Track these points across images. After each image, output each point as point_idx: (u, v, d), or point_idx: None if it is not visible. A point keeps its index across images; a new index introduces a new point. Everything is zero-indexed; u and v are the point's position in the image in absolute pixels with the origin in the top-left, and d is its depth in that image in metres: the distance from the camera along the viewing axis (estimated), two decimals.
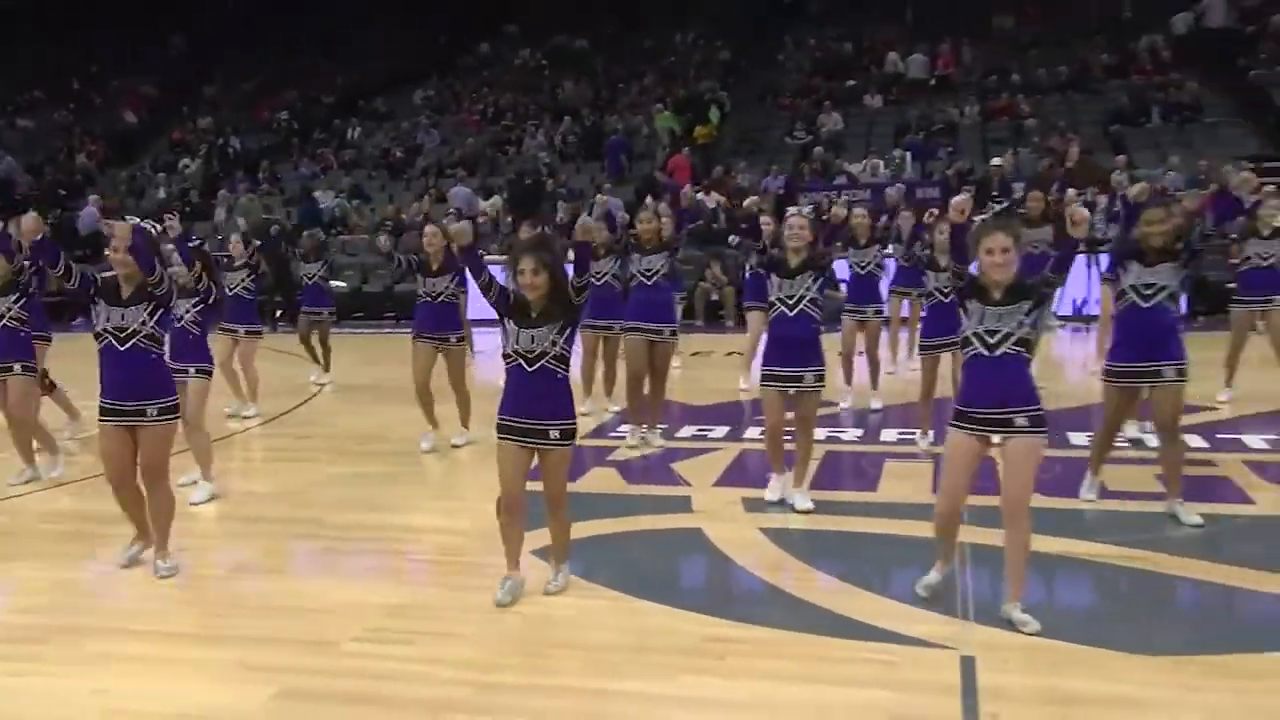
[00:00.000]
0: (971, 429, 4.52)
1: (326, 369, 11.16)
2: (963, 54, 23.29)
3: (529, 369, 4.80)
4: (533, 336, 4.76)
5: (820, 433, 7.26)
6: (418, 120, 24.40)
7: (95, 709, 4.02)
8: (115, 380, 5.28)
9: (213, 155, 24.32)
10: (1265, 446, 7.18)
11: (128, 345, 5.24)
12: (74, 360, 7.77)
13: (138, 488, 5.47)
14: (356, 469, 7.63)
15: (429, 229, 8.11)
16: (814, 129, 21.18)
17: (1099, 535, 5.58)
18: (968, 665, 4.11)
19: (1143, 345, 5.77)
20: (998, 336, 4.45)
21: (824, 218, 8.44)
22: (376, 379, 11.40)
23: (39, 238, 5.35)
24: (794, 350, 6.08)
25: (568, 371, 4.89)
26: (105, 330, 5.24)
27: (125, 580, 5.47)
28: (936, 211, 7.71)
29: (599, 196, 13.24)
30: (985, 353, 4.47)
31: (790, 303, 6.06)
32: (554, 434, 4.82)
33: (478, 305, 7.97)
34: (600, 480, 6.96)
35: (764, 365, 6.28)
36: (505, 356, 4.87)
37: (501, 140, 22.97)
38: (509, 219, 19.06)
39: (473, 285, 5.25)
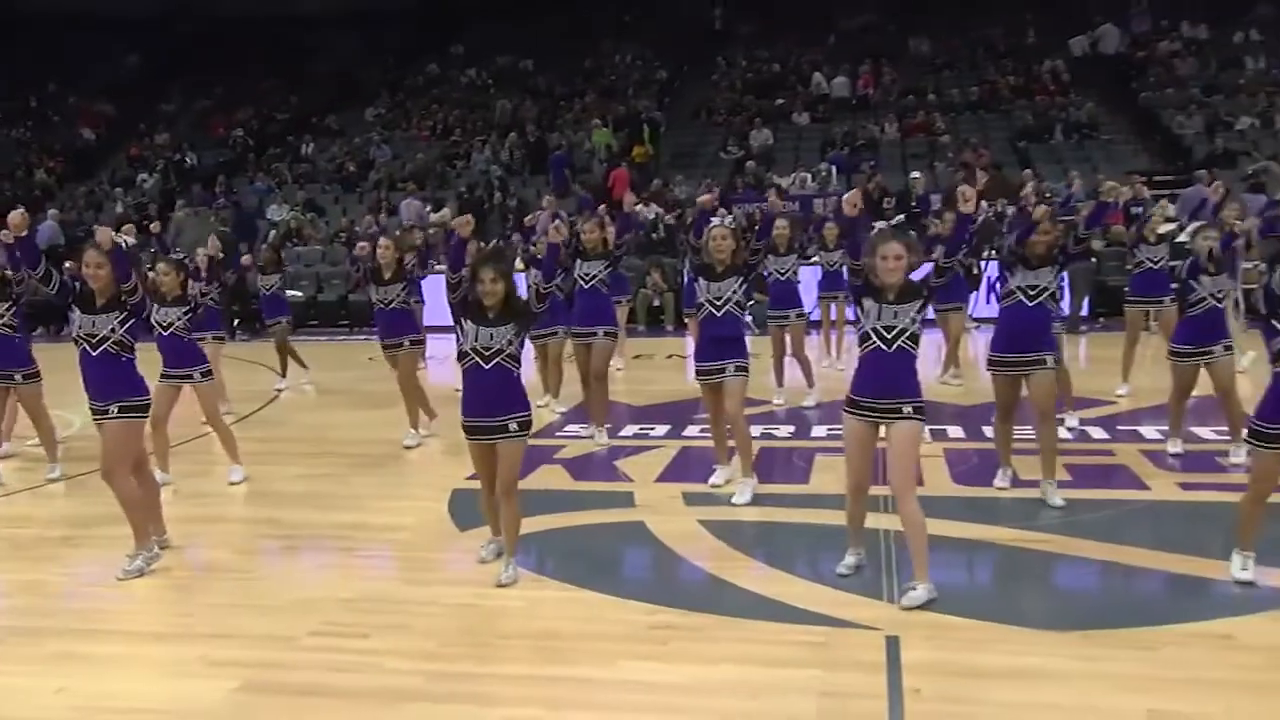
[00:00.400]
0: (864, 416, 4.66)
1: (284, 374, 11.03)
2: (882, 75, 23.57)
3: (485, 366, 4.86)
4: (491, 334, 4.85)
5: (755, 429, 7.33)
6: (369, 136, 24.14)
7: (58, 707, 3.93)
8: (88, 382, 5.28)
9: (169, 171, 23.79)
10: (1159, 437, 7.33)
11: (99, 351, 5.25)
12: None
13: (149, 476, 5.55)
14: (311, 470, 7.53)
15: (382, 240, 8.13)
16: (746, 144, 21.30)
17: (1010, 521, 5.68)
18: (892, 644, 4.16)
19: (1026, 339, 5.97)
20: (894, 332, 4.59)
21: (754, 225, 8.51)
22: (330, 384, 11.28)
23: (24, 234, 5.33)
24: (721, 346, 6.24)
25: (519, 369, 4.94)
26: (80, 336, 5.25)
27: (89, 582, 5.36)
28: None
29: (545, 201, 13.20)
30: (884, 347, 4.60)
31: (718, 304, 6.21)
32: (512, 426, 4.90)
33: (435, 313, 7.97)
34: (548, 477, 6.94)
35: (697, 362, 6.42)
36: (461, 355, 4.92)
37: (450, 155, 22.82)
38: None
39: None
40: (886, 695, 3.76)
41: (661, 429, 8.25)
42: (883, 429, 4.68)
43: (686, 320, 10.65)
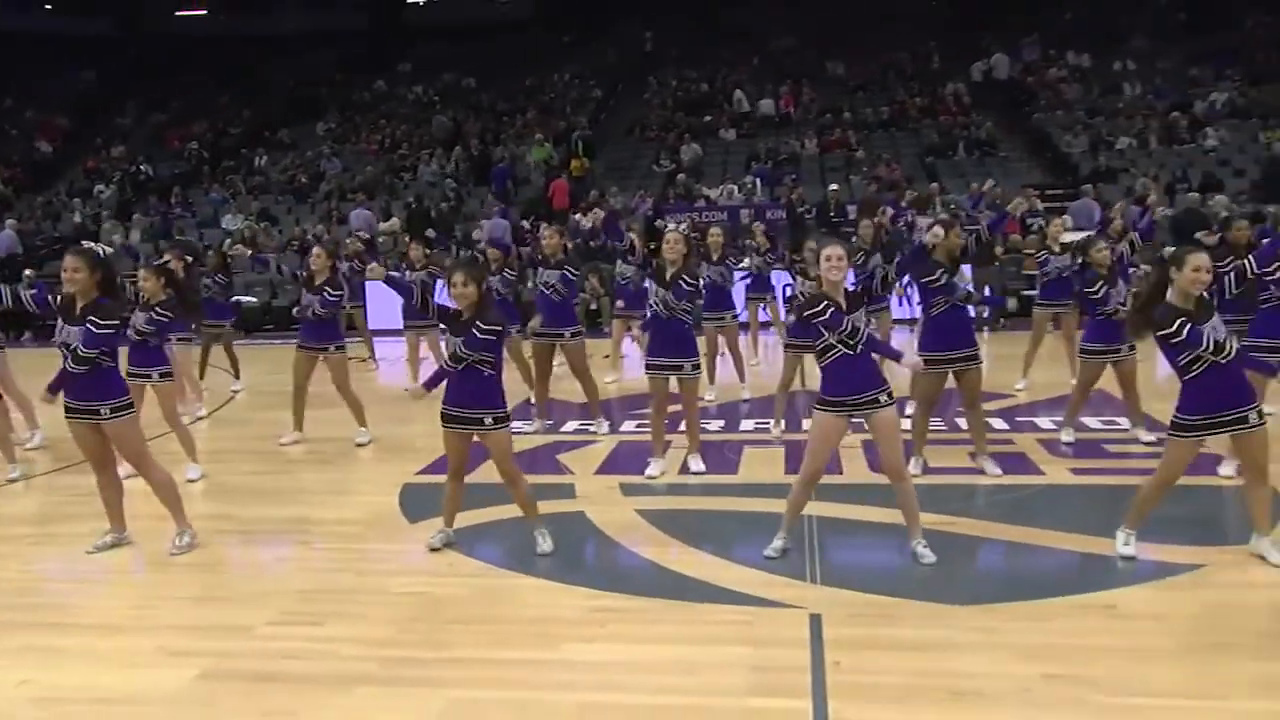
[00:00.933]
0: (842, 412, 4.81)
1: (237, 376, 10.78)
2: (802, 95, 23.86)
3: (458, 368, 4.95)
4: (463, 341, 4.93)
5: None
6: (320, 150, 23.78)
7: (21, 699, 3.81)
8: (72, 386, 5.16)
9: (126, 182, 23.16)
10: (1053, 427, 7.51)
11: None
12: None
13: (115, 475, 5.39)
14: (266, 467, 7.40)
15: (315, 250, 7.99)
16: (676, 158, 21.41)
17: (921, 506, 5.74)
18: (815, 621, 4.21)
19: (955, 338, 6.20)
20: (858, 336, 4.74)
21: (694, 233, 8.59)
22: (284, 385, 11.02)
23: None
24: (674, 345, 6.46)
25: (494, 370, 5.01)
26: (63, 344, 5.11)
27: (50, 578, 5.22)
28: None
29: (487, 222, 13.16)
30: (850, 352, 4.75)
31: (667, 309, 6.43)
32: (488, 420, 4.97)
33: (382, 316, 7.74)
34: (493, 471, 6.86)
35: (649, 357, 6.62)
36: (444, 361, 5.11)
37: (397, 168, 22.59)
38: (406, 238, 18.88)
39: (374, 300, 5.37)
40: (810, 668, 3.80)
41: (600, 425, 8.24)
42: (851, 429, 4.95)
43: (615, 319, 10.73)
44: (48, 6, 27.60)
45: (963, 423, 7.01)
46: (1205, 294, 4.62)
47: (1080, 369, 7.13)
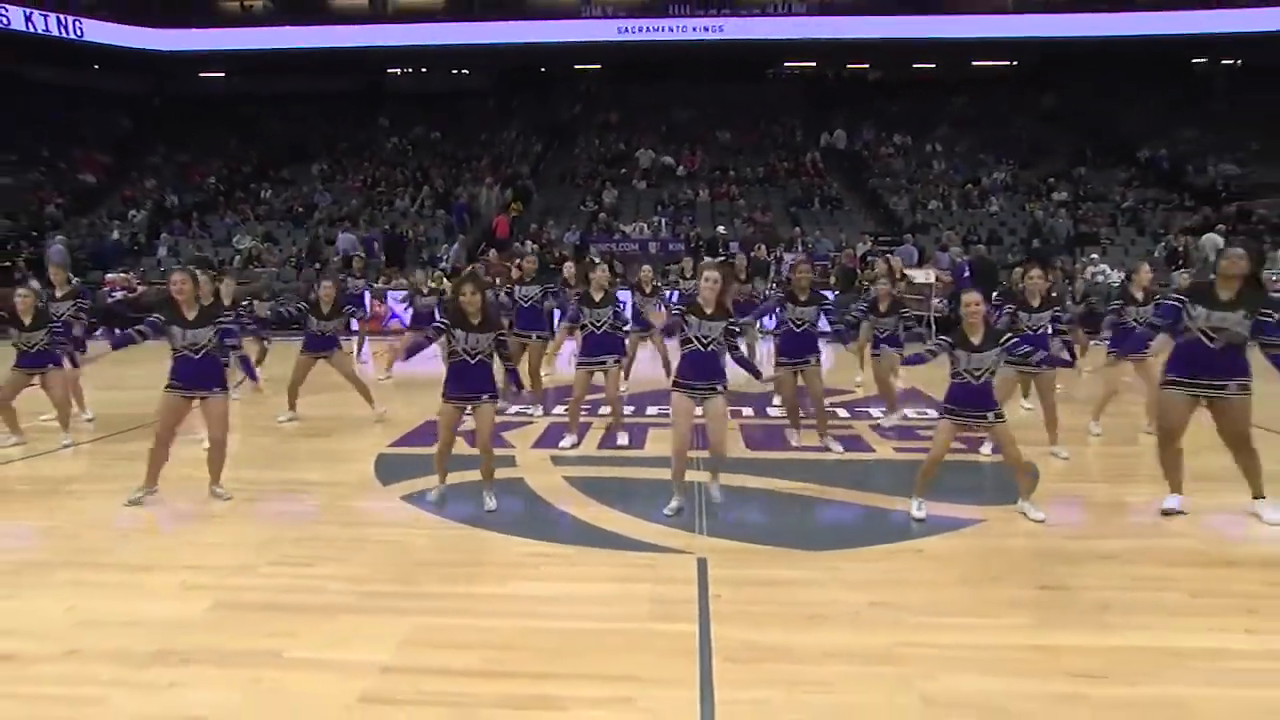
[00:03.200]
0: (690, 394, 4.95)
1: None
2: (699, 155, 24.09)
3: (471, 362, 4.97)
4: (477, 340, 4.97)
5: (606, 409, 7.35)
6: (314, 185, 23.03)
7: (68, 622, 3.65)
8: (188, 372, 5.24)
9: (155, 208, 22.09)
10: (880, 414, 7.75)
11: (200, 355, 5.28)
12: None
13: (170, 444, 5.36)
14: (269, 439, 7.14)
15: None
16: (599, 201, 21.37)
17: (785, 475, 5.86)
18: (701, 564, 4.25)
19: (795, 351, 6.47)
20: (709, 340, 4.92)
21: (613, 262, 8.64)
22: (282, 376, 10.63)
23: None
24: (602, 349, 6.65)
25: (493, 361, 5.12)
26: (189, 345, 5.25)
27: (89, 526, 4.93)
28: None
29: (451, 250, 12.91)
30: (702, 349, 4.93)
31: (597, 324, 6.66)
32: (484, 397, 5.06)
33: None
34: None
35: (580, 357, 6.69)
36: (452, 354, 5.07)
37: (376, 201, 22.02)
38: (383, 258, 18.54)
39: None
40: (697, 600, 3.85)
41: (536, 410, 8.18)
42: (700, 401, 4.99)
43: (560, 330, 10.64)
44: (95, 67, 26.66)
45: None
46: (985, 323, 4.99)
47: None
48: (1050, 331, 6.33)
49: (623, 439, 6.73)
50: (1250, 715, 2.97)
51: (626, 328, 7.11)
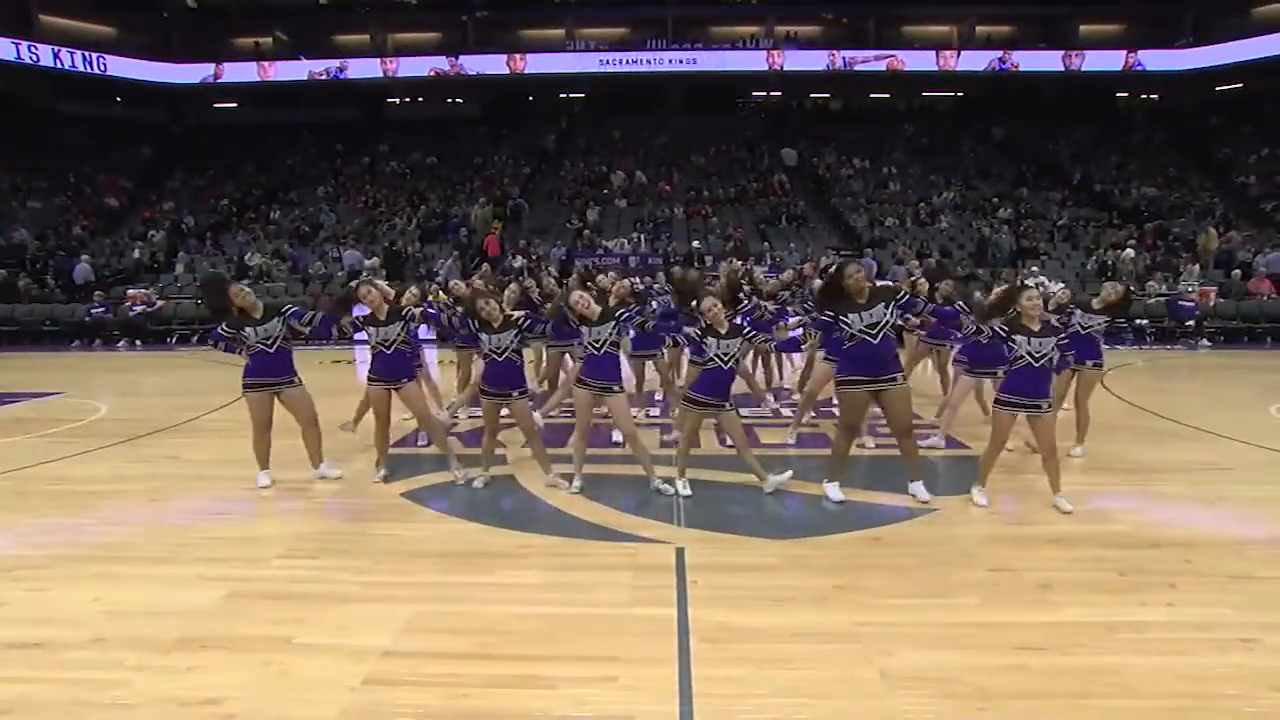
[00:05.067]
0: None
1: None
2: (674, 176, 24.15)
3: (499, 359, 5.25)
4: (500, 339, 5.22)
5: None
6: (320, 206, 22.84)
7: (94, 611, 3.63)
8: (385, 369, 5.54)
9: (173, 229, 21.81)
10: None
11: (391, 349, 5.56)
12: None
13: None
14: (278, 442, 7.01)
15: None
16: (584, 219, 21.37)
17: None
18: (679, 553, 4.26)
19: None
20: (729, 357, 5.05)
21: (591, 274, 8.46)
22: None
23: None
24: (601, 370, 5.80)
25: (521, 361, 5.35)
26: (383, 340, 5.55)
27: (114, 523, 4.86)
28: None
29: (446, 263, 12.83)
30: (722, 366, 5.07)
31: (597, 346, 5.84)
32: (515, 394, 5.29)
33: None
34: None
35: (581, 376, 6.03)
36: (484, 355, 5.30)
37: (377, 220, 21.88)
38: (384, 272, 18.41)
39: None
40: (675, 586, 3.86)
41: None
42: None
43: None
44: (118, 100, 26.44)
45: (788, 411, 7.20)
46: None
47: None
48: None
49: (616, 435, 6.68)
50: (1172, 680, 3.03)
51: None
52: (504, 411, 5.46)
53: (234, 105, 28.26)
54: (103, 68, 24.58)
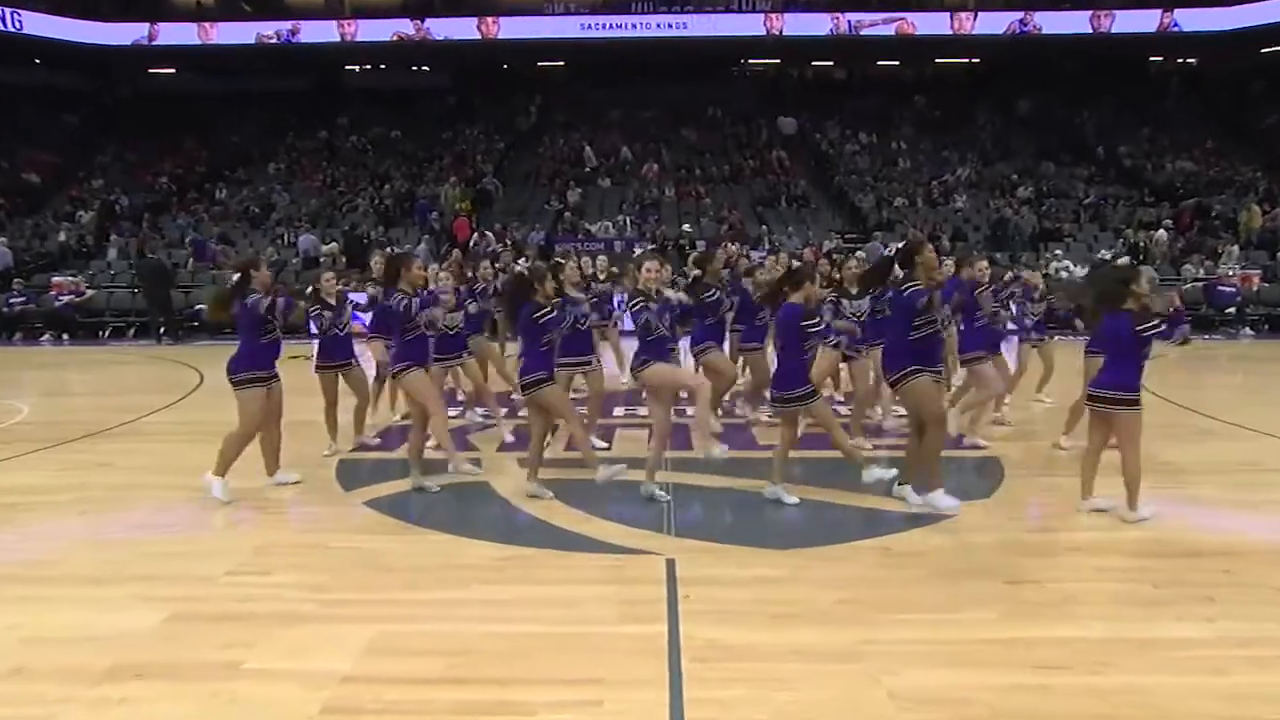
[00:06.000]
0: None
1: None
2: (663, 154, 24.13)
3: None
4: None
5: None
6: (272, 185, 22.66)
7: (12, 639, 3.54)
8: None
9: (104, 209, 21.47)
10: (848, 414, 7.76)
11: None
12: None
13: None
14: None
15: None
16: (564, 200, 21.33)
17: (751, 474, 5.80)
18: (670, 565, 4.26)
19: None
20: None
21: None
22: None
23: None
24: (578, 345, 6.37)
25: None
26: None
27: (33, 539, 4.81)
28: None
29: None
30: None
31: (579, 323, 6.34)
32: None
33: None
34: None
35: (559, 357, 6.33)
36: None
37: (336, 202, 21.74)
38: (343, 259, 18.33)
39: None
40: (666, 600, 3.86)
41: (502, 411, 8.10)
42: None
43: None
44: (37, 61, 25.75)
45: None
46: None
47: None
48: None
49: (599, 440, 6.68)
50: (1211, 702, 3.05)
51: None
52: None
53: (171, 71, 27.79)
54: (18, 24, 23.61)
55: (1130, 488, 4.70)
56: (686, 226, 19.06)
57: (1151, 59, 27.41)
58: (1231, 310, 15.16)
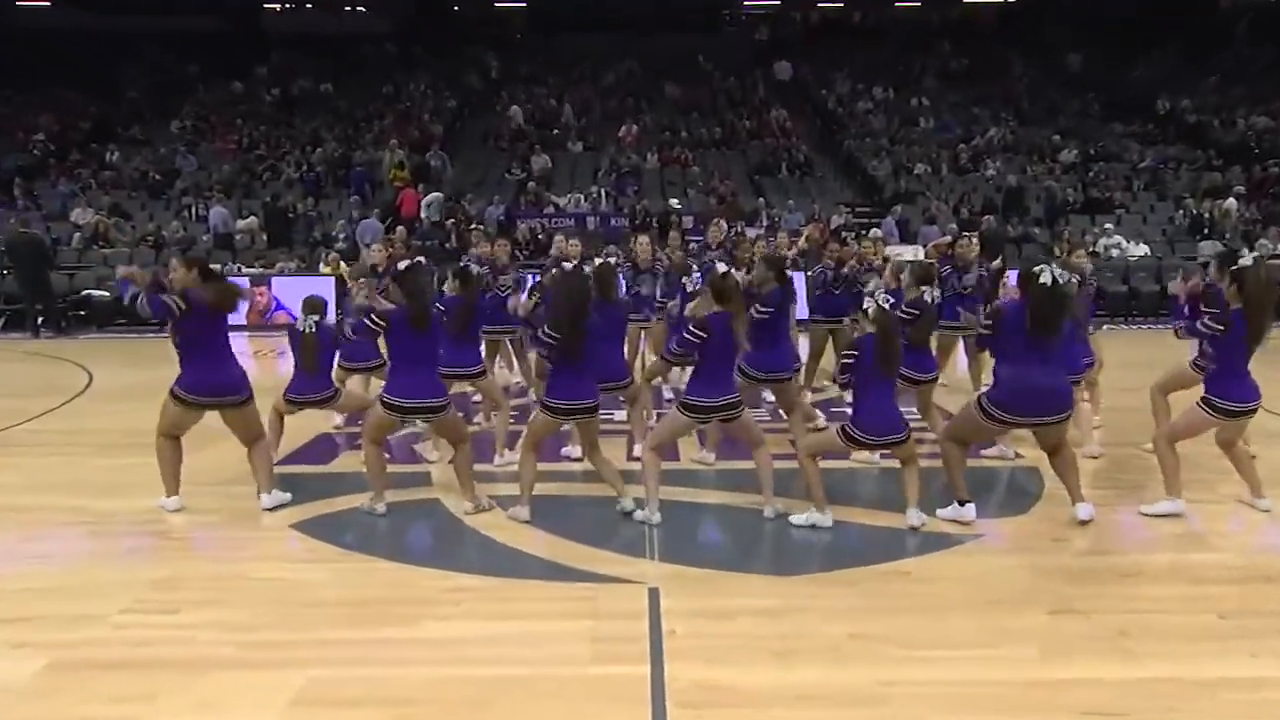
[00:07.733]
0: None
1: None
2: (643, 113, 24.13)
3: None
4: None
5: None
6: (175, 147, 22.36)
7: None
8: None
9: None
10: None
11: None
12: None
13: None
14: (118, 461, 6.87)
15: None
16: (528, 167, 21.28)
17: (748, 487, 5.78)
18: (653, 594, 4.26)
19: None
20: None
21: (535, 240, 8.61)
22: (136, 380, 10.34)
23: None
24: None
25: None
26: None
27: None
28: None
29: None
30: None
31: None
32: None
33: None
34: (352, 461, 6.68)
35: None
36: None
37: (255, 168, 21.53)
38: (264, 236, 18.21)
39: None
40: (648, 636, 3.86)
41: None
42: None
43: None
44: None
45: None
46: None
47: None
48: None
49: (574, 450, 6.66)
50: None
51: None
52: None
53: (46, 4, 27.22)
54: None
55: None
56: (673, 200, 19.07)
57: None
58: None
